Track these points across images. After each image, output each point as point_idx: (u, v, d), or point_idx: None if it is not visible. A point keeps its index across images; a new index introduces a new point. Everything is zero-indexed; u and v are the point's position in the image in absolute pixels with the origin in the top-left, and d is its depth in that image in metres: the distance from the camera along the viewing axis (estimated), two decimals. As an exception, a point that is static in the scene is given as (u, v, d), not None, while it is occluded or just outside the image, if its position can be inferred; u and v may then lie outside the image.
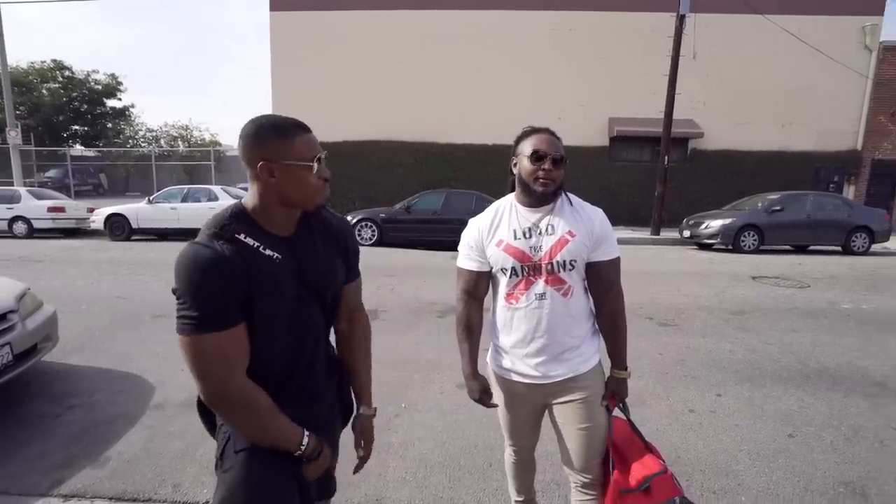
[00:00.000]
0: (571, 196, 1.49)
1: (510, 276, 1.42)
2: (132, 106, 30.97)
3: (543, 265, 1.40)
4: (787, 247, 10.86)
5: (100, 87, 28.82)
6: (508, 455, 1.71)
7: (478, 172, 15.16)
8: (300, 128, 1.06)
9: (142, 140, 30.82)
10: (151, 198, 11.27)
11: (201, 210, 10.79)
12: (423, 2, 15.52)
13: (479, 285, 1.50)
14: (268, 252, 1.04)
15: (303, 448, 1.07)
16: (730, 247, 10.28)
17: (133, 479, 2.17)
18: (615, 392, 1.51)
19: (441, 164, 15.67)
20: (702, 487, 2.16)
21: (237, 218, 1.05)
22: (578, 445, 1.47)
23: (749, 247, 10.22)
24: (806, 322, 4.86)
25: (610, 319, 1.50)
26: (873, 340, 4.29)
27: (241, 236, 1.02)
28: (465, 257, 1.50)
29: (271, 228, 1.07)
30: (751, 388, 3.25)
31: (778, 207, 10.38)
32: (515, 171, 1.45)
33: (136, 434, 2.55)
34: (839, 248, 10.56)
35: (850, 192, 15.35)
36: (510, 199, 1.51)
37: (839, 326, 4.73)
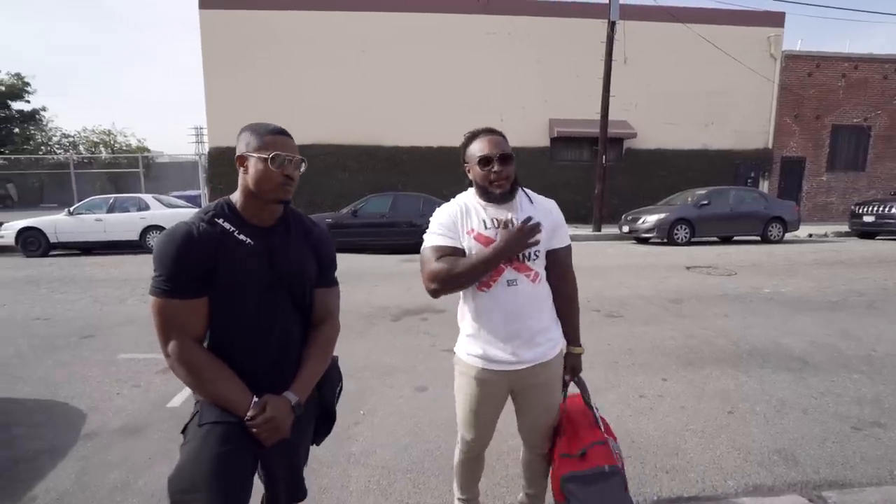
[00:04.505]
0: (527, 190, 1.57)
1: None
2: (43, 109, 28.41)
3: None
4: (715, 238, 11.71)
5: (2, 88, 26.15)
6: (459, 452, 1.72)
7: (425, 174, 15.18)
8: (276, 132, 1.20)
9: (56, 146, 28.29)
10: (72, 209, 10.28)
11: (131, 220, 10.03)
12: (362, 4, 15.35)
13: (454, 254, 1.44)
14: (241, 237, 1.18)
15: (249, 415, 1.13)
16: (665, 240, 10.94)
17: (65, 518, 1.97)
18: (573, 367, 1.64)
19: (387, 167, 15.55)
20: (655, 468, 2.27)
21: (221, 206, 1.21)
22: (539, 423, 1.62)
23: (682, 239, 10.92)
24: (735, 307, 5.25)
25: (568, 301, 1.60)
26: (792, 320, 4.71)
27: (220, 220, 1.17)
28: (440, 235, 1.47)
29: (250, 218, 1.21)
30: (692, 371, 3.46)
31: (705, 202, 11.18)
32: (470, 176, 1.51)
33: (66, 468, 2.31)
34: (758, 238, 11.53)
35: (765, 186, 16.81)
36: (472, 195, 1.54)
37: (763, 309, 5.15)
